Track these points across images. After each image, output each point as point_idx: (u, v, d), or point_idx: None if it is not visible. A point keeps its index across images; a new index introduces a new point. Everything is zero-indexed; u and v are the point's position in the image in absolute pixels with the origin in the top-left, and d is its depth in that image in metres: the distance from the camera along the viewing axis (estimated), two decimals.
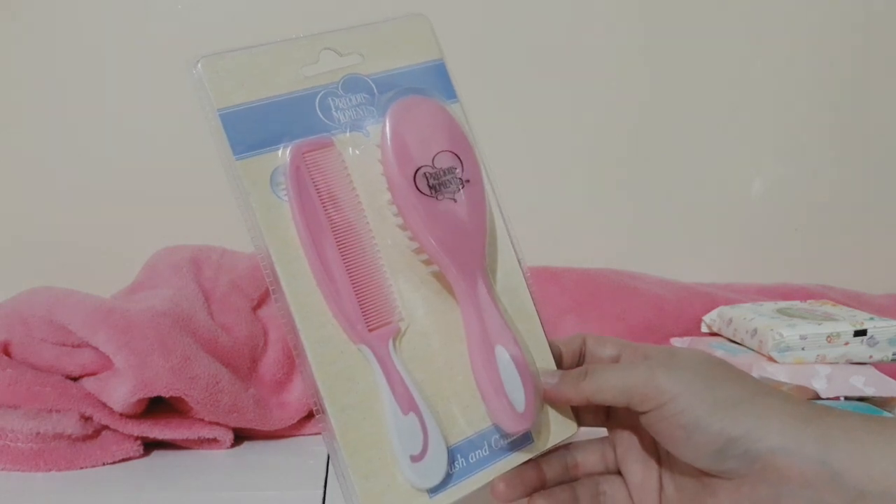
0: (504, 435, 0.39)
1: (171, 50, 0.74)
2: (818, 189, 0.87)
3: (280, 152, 0.37)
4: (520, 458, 0.39)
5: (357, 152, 0.38)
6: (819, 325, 0.58)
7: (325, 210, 0.37)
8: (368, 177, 0.38)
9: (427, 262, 0.38)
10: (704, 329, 0.71)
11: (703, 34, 0.83)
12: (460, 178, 0.38)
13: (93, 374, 0.53)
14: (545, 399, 0.39)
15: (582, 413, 0.41)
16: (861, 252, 0.88)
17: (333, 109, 0.38)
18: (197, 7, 0.76)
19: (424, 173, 0.37)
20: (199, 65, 0.36)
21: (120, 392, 0.50)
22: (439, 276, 0.39)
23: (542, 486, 0.40)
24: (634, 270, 0.77)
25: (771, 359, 0.58)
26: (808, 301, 0.72)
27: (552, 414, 0.40)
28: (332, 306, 0.36)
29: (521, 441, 0.39)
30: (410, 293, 0.38)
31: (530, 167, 0.83)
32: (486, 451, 0.38)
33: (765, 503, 0.33)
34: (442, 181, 0.37)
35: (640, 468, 0.39)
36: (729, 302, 0.72)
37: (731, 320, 0.66)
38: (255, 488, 0.47)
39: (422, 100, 0.39)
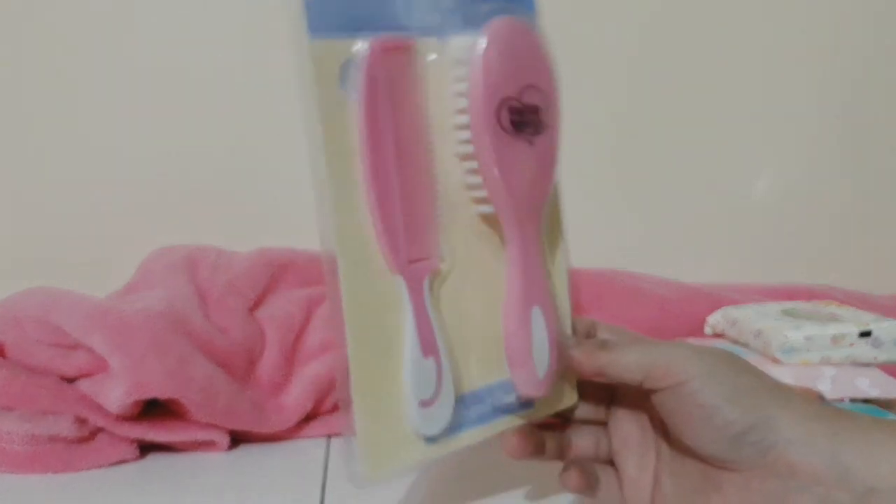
0: (509, 393, 0.38)
1: (170, 41, 0.73)
2: (822, 189, 0.87)
3: (358, 43, 0.33)
4: (518, 420, 0.39)
5: (433, 62, 0.35)
6: (824, 326, 0.58)
7: (394, 121, 0.34)
8: (440, 93, 0.35)
9: (479, 201, 0.36)
10: (708, 330, 0.70)
11: (706, 34, 0.82)
12: (542, 121, 0.36)
13: (88, 375, 0.52)
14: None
15: (584, 394, 0.41)
16: (866, 252, 0.88)
17: (417, 9, 0.35)
18: None
19: (509, 107, 0.34)
20: None
21: (115, 394, 0.49)
22: (487, 218, 0.37)
23: (542, 454, 0.39)
24: (637, 271, 0.77)
25: (776, 360, 0.58)
26: (813, 301, 0.71)
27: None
28: (378, 226, 0.34)
29: (523, 404, 0.39)
30: (454, 230, 0.37)
31: None
32: (487, 407, 0.38)
33: (773, 498, 0.32)
34: (524, 119, 0.35)
35: (635, 462, 0.39)
36: (733, 302, 0.71)
37: (735, 321, 0.66)
38: (251, 491, 0.47)
39: (520, 24, 0.35)
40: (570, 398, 0.40)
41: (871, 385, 0.56)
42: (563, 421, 0.42)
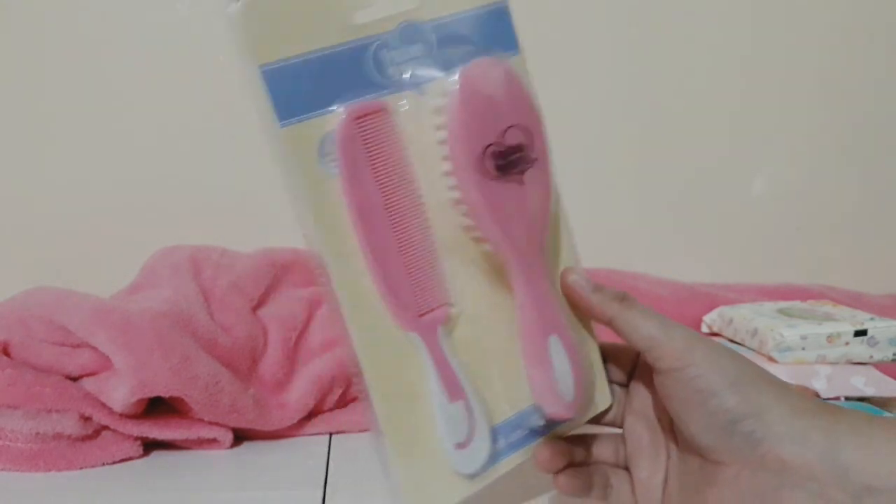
0: (541, 417, 0.38)
1: (170, 41, 0.74)
2: (818, 189, 0.87)
3: (330, 117, 0.33)
4: (560, 431, 0.39)
5: (411, 114, 0.35)
6: (819, 325, 0.58)
7: (379, 184, 0.34)
8: (422, 143, 0.35)
9: (479, 241, 0.36)
10: (705, 329, 0.71)
11: (705, 33, 0.83)
12: (528, 157, 0.35)
13: (92, 374, 0.53)
14: (571, 300, 0.38)
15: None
16: (861, 252, 0.88)
17: (388, 64, 0.34)
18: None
19: (493, 152, 0.34)
20: (241, 3, 0.30)
21: (119, 392, 0.50)
22: (490, 256, 0.37)
23: (570, 464, 0.40)
24: (634, 270, 0.77)
25: (771, 359, 0.58)
26: (809, 301, 0.72)
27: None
28: (383, 291, 0.34)
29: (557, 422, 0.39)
30: (459, 272, 0.36)
31: None
32: (524, 432, 0.38)
33: (765, 493, 0.32)
34: (510, 161, 0.34)
35: (648, 465, 0.39)
36: (729, 302, 0.72)
37: (731, 320, 0.66)
38: (254, 488, 0.47)
39: (493, 64, 0.34)
40: (604, 401, 0.40)
41: (866, 384, 0.56)
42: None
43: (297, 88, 0.32)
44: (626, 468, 0.41)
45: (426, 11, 0.35)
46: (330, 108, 0.33)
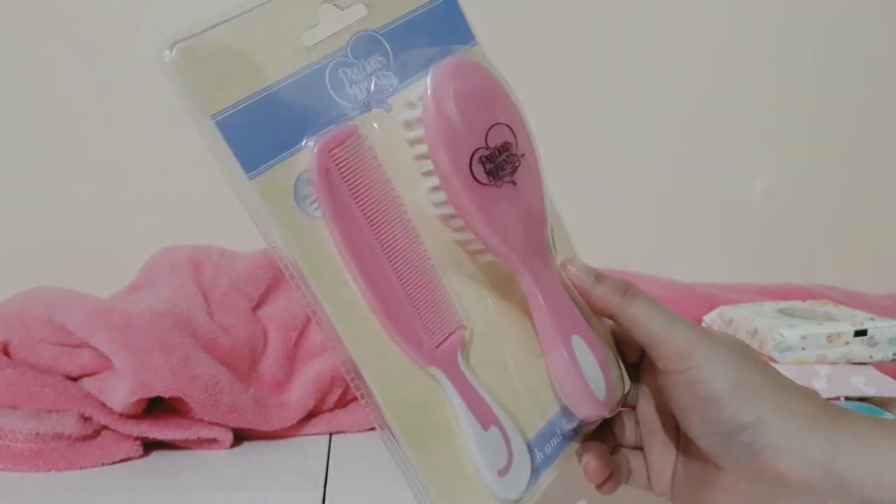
0: (572, 419, 0.37)
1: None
2: (818, 189, 0.87)
3: (300, 156, 0.30)
4: (588, 428, 0.39)
5: (382, 133, 0.32)
6: (819, 325, 0.58)
7: (366, 216, 0.32)
8: (398, 162, 0.33)
9: (476, 253, 0.34)
10: None
11: (705, 33, 0.83)
12: (516, 155, 0.33)
13: (92, 374, 0.53)
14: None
15: None
16: (862, 252, 0.88)
17: (347, 84, 0.32)
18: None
19: (480, 157, 0.31)
20: (175, 52, 0.28)
21: (119, 392, 0.50)
22: (490, 267, 0.35)
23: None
24: (634, 270, 0.77)
25: (771, 359, 0.58)
26: (809, 301, 0.72)
27: None
28: (393, 332, 0.32)
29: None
30: (462, 291, 0.35)
31: None
32: (558, 439, 0.37)
33: (760, 502, 0.32)
34: (498, 163, 0.32)
35: (660, 449, 0.39)
36: (729, 302, 0.72)
37: (731, 320, 0.66)
38: (254, 488, 0.47)
39: (460, 64, 0.32)
40: (625, 385, 0.39)
41: (866, 384, 0.56)
42: None
43: (258, 132, 0.29)
44: (642, 448, 0.40)
45: (375, 20, 0.33)
46: (298, 146, 0.30)
